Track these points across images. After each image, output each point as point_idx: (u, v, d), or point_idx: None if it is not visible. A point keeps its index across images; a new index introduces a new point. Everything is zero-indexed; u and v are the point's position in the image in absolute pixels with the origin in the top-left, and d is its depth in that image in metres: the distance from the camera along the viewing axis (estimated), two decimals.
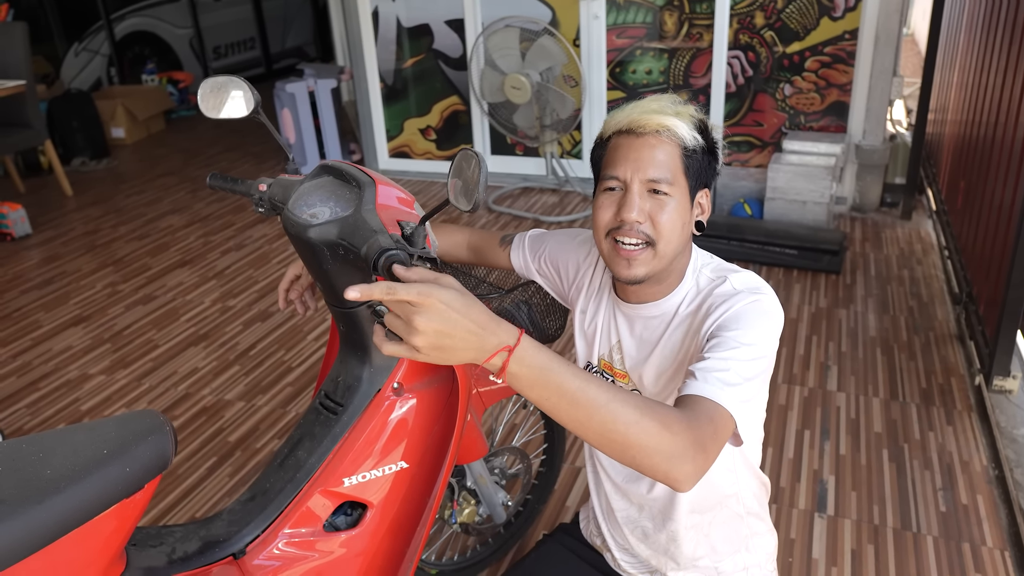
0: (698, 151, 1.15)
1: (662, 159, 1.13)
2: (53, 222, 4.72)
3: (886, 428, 2.53)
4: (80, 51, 7.00)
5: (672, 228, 1.13)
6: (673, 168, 1.13)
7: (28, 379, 3.04)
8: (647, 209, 1.13)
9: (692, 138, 1.14)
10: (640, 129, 1.13)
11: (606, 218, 1.16)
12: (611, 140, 1.17)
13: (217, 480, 2.43)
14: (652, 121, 1.13)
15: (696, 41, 4.34)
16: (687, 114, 1.16)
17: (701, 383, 1.01)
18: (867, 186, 4.26)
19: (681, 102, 1.18)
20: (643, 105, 1.16)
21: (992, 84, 3.18)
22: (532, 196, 4.75)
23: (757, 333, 1.08)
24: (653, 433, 0.88)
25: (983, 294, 2.91)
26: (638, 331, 1.25)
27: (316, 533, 1.28)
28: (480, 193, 1.00)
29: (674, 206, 1.13)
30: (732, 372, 1.02)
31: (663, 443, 0.88)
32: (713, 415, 0.97)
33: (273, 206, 1.31)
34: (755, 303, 1.11)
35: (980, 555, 2.04)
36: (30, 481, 0.96)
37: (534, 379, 0.86)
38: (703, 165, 1.16)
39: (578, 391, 0.86)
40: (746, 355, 1.05)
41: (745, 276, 1.18)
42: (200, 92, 1.35)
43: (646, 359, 1.24)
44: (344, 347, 1.34)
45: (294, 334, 3.27)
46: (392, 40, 4.99)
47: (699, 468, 0.91)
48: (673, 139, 1.13)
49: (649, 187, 1.13)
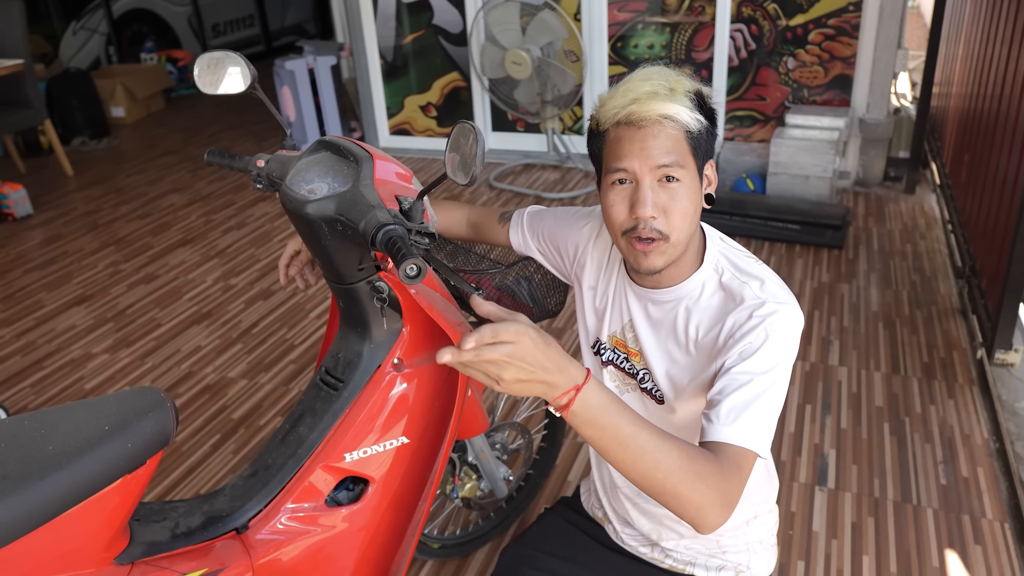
0: (702, 130, 1.12)
1: (669, 146, 1.09)
2: (54, 202, 4.72)
3: (887, 402, 2.53)
4: (78, 30, 6.96)
5: (684, 216, 1.11)
6: (680, 151, 1.10)
7: (32, 358, 3.05)
8: (660, 202, 1.10)
9: (695, 120, 1.10)
10: (640, 120, 1.09)
11: (620, 217, 1.13)
12: (609, 132, 1.13)
13: (221, 457, 2.44)
14: (652, 111, 1.08)
15: (698, 15, 4.30)
16: (682, 91, 1.11)
17: (731, 429, 1.03)
18: (871, 160, 4.23)
19: (674, 73, 1.13)
20: (635, 88, 1.10)
21: (997, 57, 3.15)
22: (533, 173, 4.73)
23: (781, 357, 1.09)
24: (688, 484, 0.95)
25: (986, 268, 2.90)
26: (652, 313, 1.23)
27: (318, 508, 1.28)
28: (477, 167, 1.00)
29: (686, 191, 1.11)
30: (760, 411, 1.05)
31: (695, 494, 0.95)
32: (741, 461, 1.02)
33: (271, 182, 1.31)
34: (780, 325, 1.09)
35: (980, 527, 2.05)
36: (33, 457, 0.97)
37: (592, 418, 0.92)
38: (707, 139, 1.13)
39: (629, 437, 0.93)
40: (771, 386, 1.07)
41: (765, 280, 1.15)
42: (196, 67, 1.34)
43: (660, 343, 1.22)
44: (344, 323, 1.34)
45: (296, 312, 3.27)
46: (392, 16, 4.95)
47: (723, 518, 0.98)
48: (676, 126, 1.09)
49: (660, 174, 1.10)
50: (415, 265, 0.95)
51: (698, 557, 1.36)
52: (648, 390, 1.27)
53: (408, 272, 0.95)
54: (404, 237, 1.02)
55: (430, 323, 1.31)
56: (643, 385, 1.28)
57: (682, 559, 1.37)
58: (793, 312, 1.12)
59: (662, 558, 1.39)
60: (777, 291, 1.14)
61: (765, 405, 1.06)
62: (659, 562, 1.39)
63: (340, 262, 1.20)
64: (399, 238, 1.01)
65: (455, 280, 1.10)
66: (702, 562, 1.36)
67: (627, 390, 1.31)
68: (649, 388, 1.27)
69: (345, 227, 1.12)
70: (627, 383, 1.31)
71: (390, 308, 1.28)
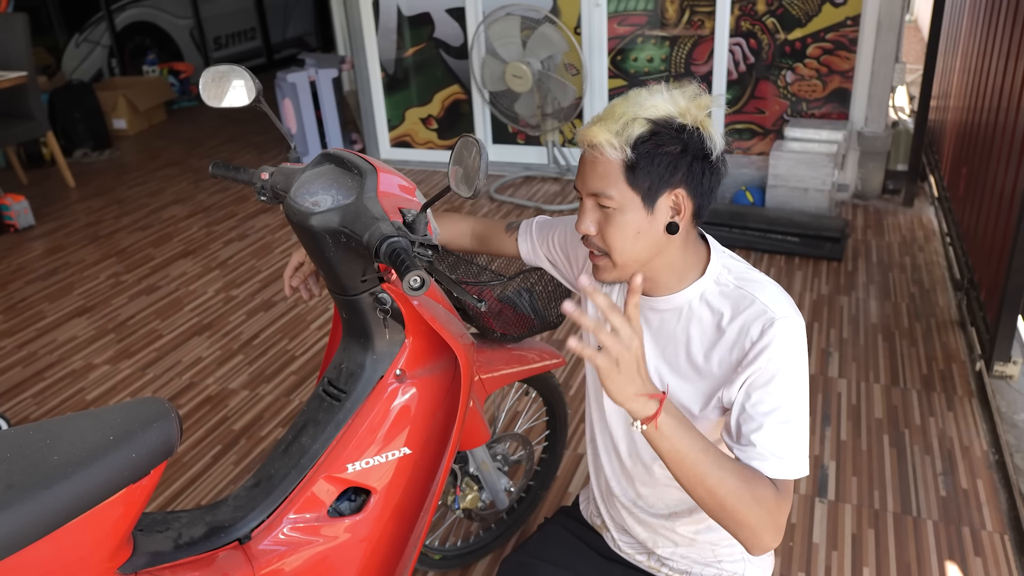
0: (640, 161, 1.09)
1: (600, 172, 1.11)
2: (56, 213, 4.73)
3: (887, 414, 2.54)
4: (81, 42, 7.00)
5: (621, 239, 1.13)
6: (614, 181, 1.10)
7: (33, 369, 3.06)
8: (597, 221, 1.15)
9: (621, 152, 1.09)
10: (582, 143, 1.14)
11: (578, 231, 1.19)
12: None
13: (222, 468, 2.44)
14: (587, 136, 1.12)
15: (697, 28, 4.33)
16: (643, 119, 1.09)
17: (775, 465, 1.08)
18: (869, 173, 4.25)
19: (662, 95, 1.11)
20: (606, 111, 1.13)
21: (994, 70, 3.17)
22: (534, 185, 4.75)
23: (800, 373, 1.12)
24: (747, 505, 1.03)
25: (984, 280, 2.91)
26: (651, 321, 1.24)
27: (320, 518, 1.29)
28: (481, 179, 1.02)
29: (620, 217, 1.12)
30: (795, 438, 1.10)
31: (752, 516, 1.03)
32: (789, 489, 1.09)
33: (275, 194, 1.32)
34: (790, 341, 1.11)
35: (980, 539, 2.05)
36: (38, 467, 0.98)
37: (673, 431, 1.00)
38: (659, 171, 1.10)
39: (701, 452, 1.02)
40: (797, 406, 1.11)
41: (769, 291, 1.16)
42: (202, 81, 1.36)
43: (658, 351, 1.23)
44: (347, 334, 1.35)
45: (297, 323, 3.28)
46: (393, 29, 4.98)
47: (776, 542, 1.06)
48: (604, 155, 1.10)
49: (595, 200, 1.14)
50: (419, 277, 0.96)
51: (693, 567, 1.36)
52: None
53: (412, 284, 0.96)
54: (408, 249, 1.03)
55: (432, 334, 1.32)
56: None
57: (678, 568, 1.38)
58: (799, 323, 1.13)
59: (658, 567, 1.40)
60: (781, 301, 1.15)
61: (797, 428, 1.11)
62: (655, 570, 1.40)
63: (343, 273, 1.22)
64: (403, 250, 1.02)
65: (458, 292, 1.11)
66: (697, 571, 1.36)
67: None
68: None
69: (349, 239, 1.13)
70: None
71: (392, 319, 1.29)
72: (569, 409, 2.26)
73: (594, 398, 1.38)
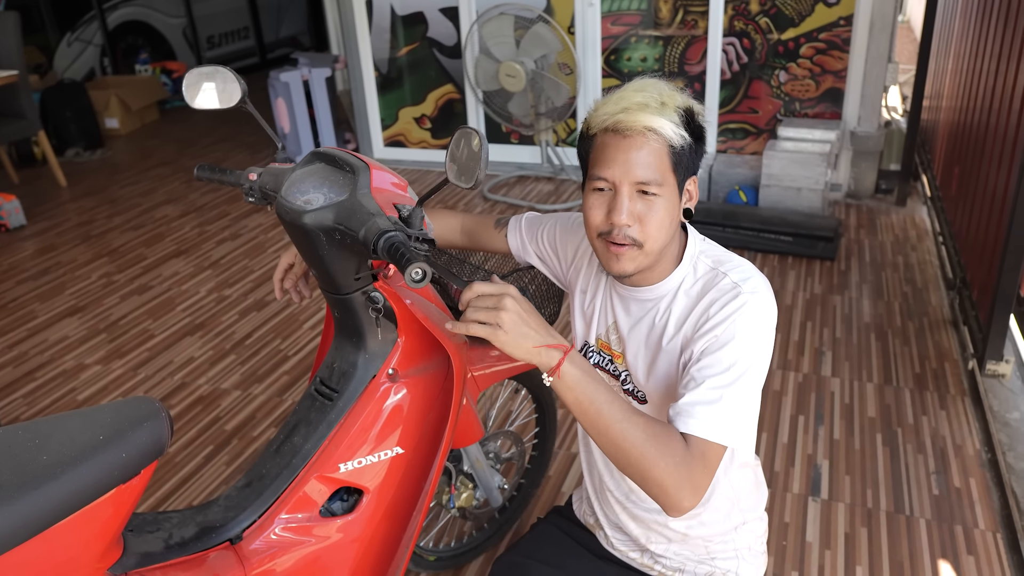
0: (686, 147, 1.13)
1: (650, 160, 1.11)
2: (47, 213, 4.71)
3: (880, 413, 2.54)
4: (73, 41, 6.96)
5: (660, 227, 1.13)
6: (661, 168, 1.12)
7: (24, 369, 3.04)
8: (636, 211, 1.13)
9: (679, 137, 1.11)
10: (627, 130, 1.11)
11: (597, 220, 1.16)
12: (597, 137, 1.15)
13: (214, 468, 2.43)
14: (638, 122, 1.10)
15: (691, 28, 4.33)
16: (672, 106, 1.12)
17: (694, 420, 1.06)
18: (862, 173, 4.26)
19: (669, 88, 1.14)
20: (628, 98, 1.12)
21: (986, 71, 3.18)
22: (527, 184, 4.74)
23: (750, 346, 1.11)
24: (653, 457, 1.02)
25: (976, 279, 2.92)
26: (633, 312, 1.25)
27: (312, 518, 1.28)
28: (482, 169, 1.02)
29: (662, 204, 1.13)
30: (724, 402, 1.07)
31: (657, 470, 1.02)
32: (705, 450, 1.06)
33: (264, 195, 1.31)
34: (750, 316, 1.11)
35: (972, 537, 2.05)
36: (26, 467, 0.97)
37: (577, 382, 1.02)
38: (691, 156, 1.15)
39: (605, 403, 1.02)
40: (738, 376, 1.09)
41: (741, 270, 1.17)
42: (185, 83, 1.34)
43: (640, 341, 1.25)
44: (339, 334, 1.34)
45: (290, 323, 3.27)
46: (386, 28, 4.97)
47: (691, 502, 1.03)
48: (660, 139, 1.11)
49: (638, 188, 1.12)
50: (420, 269, 0.97)
51: (687, 563, 1.36)
52: (630, 391, 1.29)
53: (414, 276, 0.96)
54: (406, 243, 1.03)
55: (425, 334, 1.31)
56: (625, 387, 1.30)
57: (671, 565, 1.38)
58: (765, 300, 1.14)
59: (651, 563, 1.39)
60: (751, 278, 1.16)
61: (735, 395, 1.08)
62: (648, 568, 1.40)
63: (337, 271, 1.21)
64: (401, 243, 1.02)
65: (456, 282, 1.11)
66: (691, 568, 1.36)
67: None
68: (631, 390, 1.29)
69: (344, 236, 1.13)
70: (612, 386, 1.32)
71: (385, 319, 1.28)
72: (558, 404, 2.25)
73: None
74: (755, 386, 1.11)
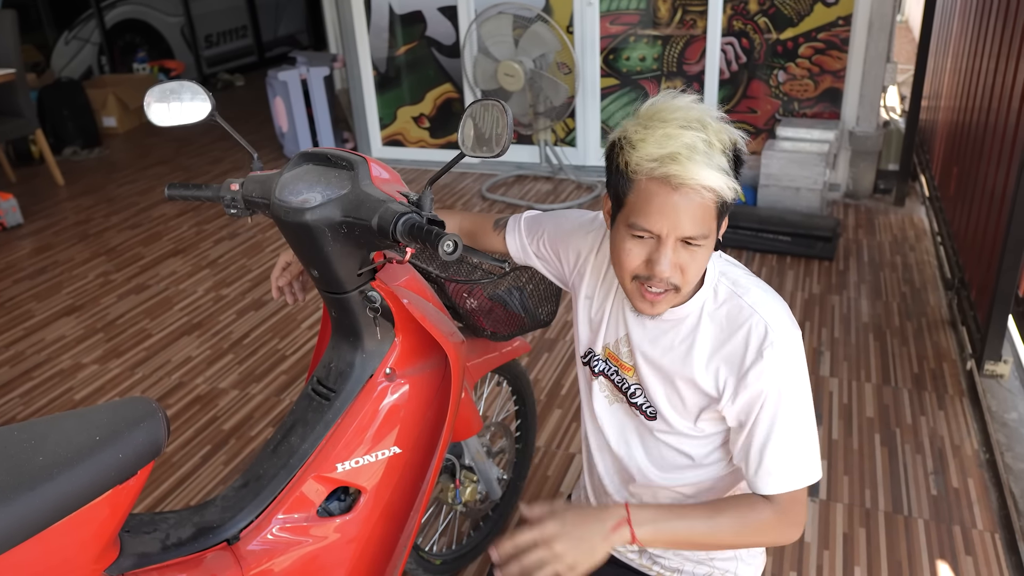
0: (735, 195, 1.07)
1: (700, 215, 1.05)
2: (45, 212, 4.70)
3: (878, 413, 2.54)
4: (70, 40, 6.95)
5: (699, 270, 1.11)
6: (708, 220, 1.06)
7: (21, 368, 3.03)
8: (680, 262, 1.09)
9: (732, 191, 1.05)
10: (679, 185, 1.03)
11: (634, 264, 1.11)
12: (641, 183, 1.06)
13: (211, 468, 2.43)
14: (693, 179, 1.02)
15: (690, 28, 4.33)
16: (719, 146, 1.04)
17: (774, 479, 1.13)
18: (860, 173, 4.26)
19: (709, 116, 1.06)
20: (673, 137, 1.03)
21: (985, 70, 3.18)
22: (526, 184, 4.74)
23: (797, 387, 1.14)
24: (754, 537, 1.15)
25: (975, 279, 2.92)
26: (650, 329, 1.22)
27: (310, 518, 1.28)
28: (508, 136, 1.03)
29: (704, 252, 1.09)
30: (792, 448, 1.13)
31: (763, 540, 1.16)
32: (794, 497, 1.14)
33: (248, 204, 1.29)
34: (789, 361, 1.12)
35: (971, 538, 2.05)
36: (22, 468, 0.96)
37: (656, 532, 1.07)
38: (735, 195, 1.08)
39: (687, 528, 1.10)
40: (794, 419, 1.13)
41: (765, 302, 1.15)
42: (147, 99, 1.30)
43: (655, 359, 1.22)
44: (336, 333, 1.34)
45: (288, 322, 3.27)
46: (385, 27, 4.96)
47: (797, 535, 1.15)
48: (713, 195, 1.04)
49: (683, 240, 1.07)
50: (452, 241, 0.98)
51: (685, 564, 1.36)
52: (638, 405, 1.26)
53: (446, 249, 0.98)
54: (422, 224, 1.05)
55: (423, 333, 1.31)
56: (633, 400, 1.27)
57: (670, 566, 1.37)
58: (796, 336, 1.14)
59: (650, 564, 1.39)
60: (778, 313, 1.15)
61: (801, 440, 1.13)
62: (647, 568, 1.39)
63: (340, 268, 1.20)
64: (422, 223, 1.04)
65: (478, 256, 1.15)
66: (689, 569, 1.36)
67: (617, 401, 1.31)
68: (640, 404, 1.26)
69: (351, 228, 1.12)
70: (616, 396, 1.31)
71: (382, 318, 1.28)
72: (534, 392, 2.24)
73: (585, 399, 1.37)
74: (810, 416, 1.15)
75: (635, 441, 1.30)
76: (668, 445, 1.26)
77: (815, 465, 1.13)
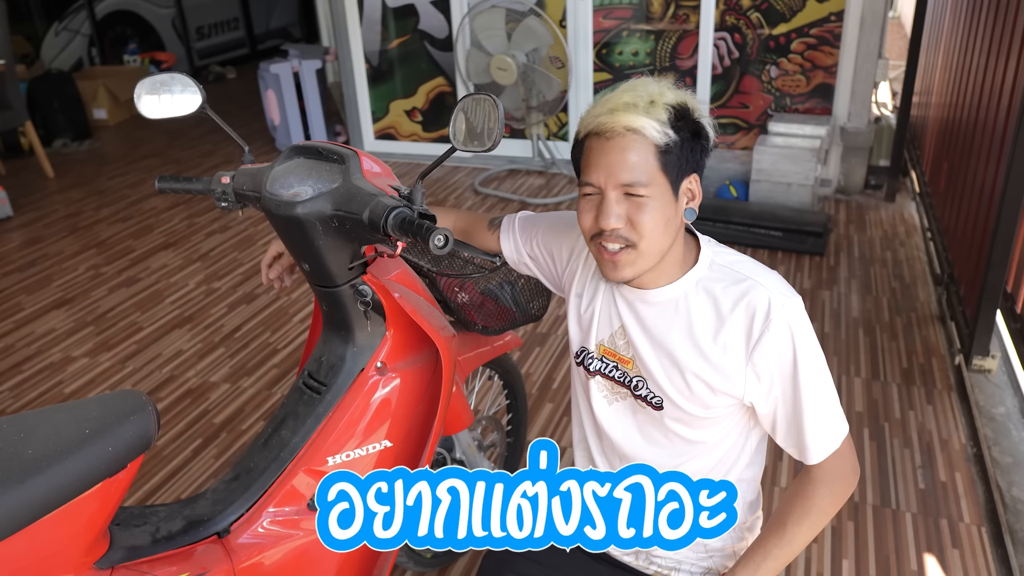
0: (674, 146, 1.09)
1: (634, 161, 1.08)
2: (34, 204, 4.67)
3: (867, 407, 2.56)
4: (60, 31, 6.91)
5: (654, 227, 1.11)
6: (648, 169, 1.09)
7: (10, 362, 3.02)
8: (625, 213, 1.11)
9: (663, 135, 1.08)
10: (608, 132, 1.09)
11: (587, 224, 1.15)
12: (585, 141, 1.13)
13: (202, 462, 2.43)
14: (619, 123, 1.08)
15: (682, 23, 4.33)
16: (662, 104, 1.09)
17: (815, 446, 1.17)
18: (852, 168, 4.28)
19: (663, 84, 1.12)
20: (615, 99, 1.10)
21: (976, 67, 3.20)
22: (518, 178, 4.74)
23: (810, 350, 1.15)
24: (827, 516, 1.20)
25: (964, 275, 2.94)
26: (645, 316, 1.22)
27: (300, 512, 1.28)
28: (500, 130, 1.03)
29: (653, 205, 1.10)
30: (821, 410, 1.16)
31: (834, 510, 1.21)
32: (838, 453, 1.18)
33: (239, 197, 1.29)
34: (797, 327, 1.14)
35: (958, 531, 2.07)
36: (11, 461, 0.96)
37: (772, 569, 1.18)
38: (685, 155, 1.11)
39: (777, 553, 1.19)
40: (814, 380, 1.15)
41: (769, 279, 1.17)
42: (137, 91, 1.30)
43: (657, 346, 1.21)
44: (327, 327, 1.34)
45: (279, 316, 3.26)
46: (377, 21, 4.95)
47: (855, 484, 1.21)
48: (642, 139, 1.08)
49: (624, 191, 1.10)
50: (443, 236, 0.98)
51: (683, 563, 1.36)
52: (644, 397, 1.25)
53: (437, 243, 0.98)
54: (412, 218, 1.05)
55: (413, 327, 1.31)
56: (638, 393, 1.25)
57: (667, 564, 1.37)
58: (799, 303, 1.16)
59: (646, 564, 1.39)
60: (778, 284, 1.17)
61: (826, 403, 1.16)
62: (644, 568, 1.39)
63: (331, 261, 1.21)
64: (413, 216, 1.04)
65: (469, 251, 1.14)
66: (687, 568, 1.36)
67: (617, 399, 1.29)
68: (645, 395, 1.24)
69: (343, 221, 1.12)
70: (617, 392, 1.29)
71: (374, 312, 1.28)
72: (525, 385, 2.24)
73: (583, 402, 1.36)
74: (827, 373, 1.17)
75: (644, 435, 1.28)
76: (678, 435, 1.24)
77: (843, 417, 1.18)
